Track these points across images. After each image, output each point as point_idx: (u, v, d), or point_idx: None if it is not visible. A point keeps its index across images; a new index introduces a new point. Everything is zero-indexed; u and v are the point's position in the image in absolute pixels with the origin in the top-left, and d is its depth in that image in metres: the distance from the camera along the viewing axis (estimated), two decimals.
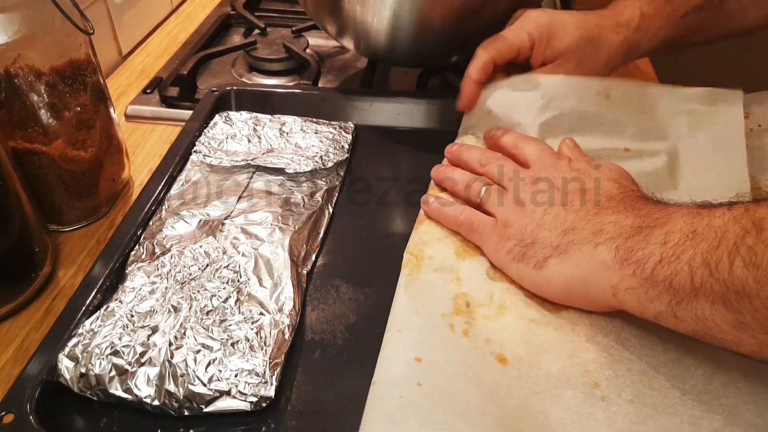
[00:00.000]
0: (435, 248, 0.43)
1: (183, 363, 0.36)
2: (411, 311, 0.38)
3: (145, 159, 0.60)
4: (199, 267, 0.42)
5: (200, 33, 0.80)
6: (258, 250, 0.43)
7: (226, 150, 0.54)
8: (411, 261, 0.42)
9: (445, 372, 0.34)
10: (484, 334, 0.38)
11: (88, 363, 0.36)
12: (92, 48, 0.49)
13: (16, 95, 0.44)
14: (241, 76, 0.72)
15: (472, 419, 0.32)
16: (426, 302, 0.39)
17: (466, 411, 0.32)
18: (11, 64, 0.43)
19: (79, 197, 0.50)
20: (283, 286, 0.41)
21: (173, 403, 0.35)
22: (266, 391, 0.36)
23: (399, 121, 0.61)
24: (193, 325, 0.38)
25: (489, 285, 0.41)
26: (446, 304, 0.39)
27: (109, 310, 0.39)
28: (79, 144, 0.49)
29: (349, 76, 0.73)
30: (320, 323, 0.42)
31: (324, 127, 0.57)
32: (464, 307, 0.39)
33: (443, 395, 0.33)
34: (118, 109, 0.64)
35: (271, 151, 0.54)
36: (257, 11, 0.85)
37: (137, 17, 0.80)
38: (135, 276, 0.42)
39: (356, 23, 0.58)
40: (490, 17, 0.57)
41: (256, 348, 0.37)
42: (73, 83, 0.47)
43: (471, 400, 0.33)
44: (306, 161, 0.52)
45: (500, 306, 0.40)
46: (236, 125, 0.57)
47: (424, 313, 0.38)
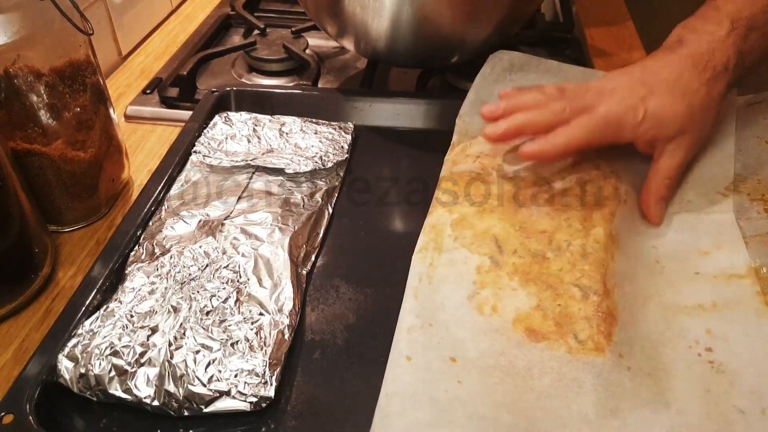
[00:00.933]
0: (451, 229, 0.45)
1: (183, 363, 0.36)
2: (436, 306, 0.39)
3: (144, 159, 0.60)
4: (198, 267, 0.42)
5: (200, 33, 0.80)
6: (258, 251, 0.43)
7: (226, 150, 0.54)
8: (429, 243, 0.44)
9: (479, 367, 0.36)
10: (512, 305, 0.39)
11: (87, 363, 0.36)
12: (92, 48, 0.49)
13: (15, 96, 0.44)
14: (240, 77, 0.72)
15: (512, 408, 0.34)
16: (449, 289, 0.40)
17: (503, 402, 0.35)
18: (11, 64, 0.43)
19: (78, 198, 0.50)
20: (283, 286, 0.41)
21: (173, 404, 0.35)
22: (266, 391, 0.36)
23: (399, 122, 0.61)
24: (192, 325, 0.38)
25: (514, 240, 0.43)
26: (469, 279, 0.41)
27: (108, 310, 0.39)
28: (78, 144, 0.49)
29: (349, 77, 0.73)
30: (320, 323, 0.42)
31: (323, 128, 0.57)
32: (489, 268, 0.41)
33: (482, 390, 0.35)
34: (118, 110, 0.64)
35: (270, 152, 0.54)
36: (257, 12, 0.85)
37: (137, 18, 0.80)
38: (135, 276, 0.42)
39: (356, 24, 0.58)
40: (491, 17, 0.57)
41: (255, 348, 0.37)
42: (72, 84, 0.47)
43: (507, 391, 0.35)
44: (305, 162, 0.52)
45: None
46: (236, 126, 0.57)
47: (449, 304, 0.40)
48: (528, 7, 0.61)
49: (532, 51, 0.71)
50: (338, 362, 0.40)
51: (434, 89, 0.69)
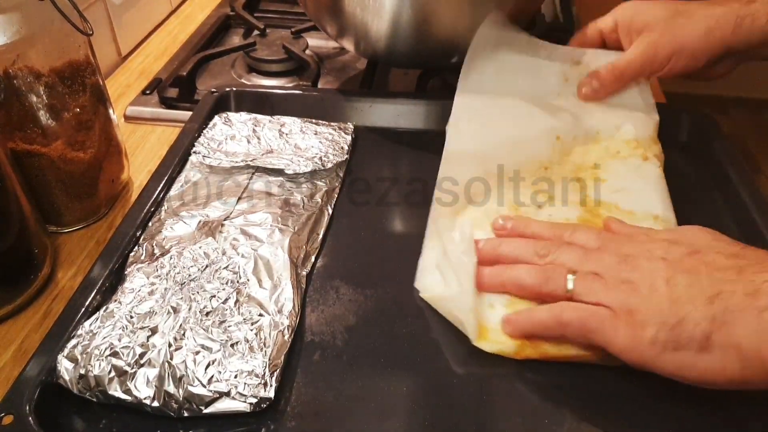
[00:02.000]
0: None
1: (182, 364, 0.36)
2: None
3: (144, 160, 0.60)
4: (198, 268, 0.42)
5: (199, 34, 0.80)
6: (257, 251, 0.43)
7: (226, 151, 0.54)
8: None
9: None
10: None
11: (87, 364, 0.36)
12: (91, 49, 0.49)
13: (15, 96, 0.44)
14: (240, 77, 0.72)
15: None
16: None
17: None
18: (10, 65, 0.43)
19: (78, 198, 0.50)
20: (283, 287, 0.41)
21: (173, 404, 0.35)
22: (266, 392, 0.36)
23: (399, 122, 0.61)
24: (192, 326, 0.38)
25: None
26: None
27: (108, 311, 0.39)
28: (78, 145, 0.49)
29: (349, 77, 0.73)
30: (320, 324, 0.42)
31: (323, 128, 0.57)
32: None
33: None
34: (118, 110, 0.64)
35: (270, 152, 0.54)
36: (256, 12, 0.85)
37: (136, 18, 0.80)
38: (134, 277, 0.42)
39: (356, 24, 0.58)
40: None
41: (255, 349, 0.37)
42: (72, 84, 0.47)
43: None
44: (305, 162, 0.52)
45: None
46: (235, 126, 0.57)
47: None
48: (528, 6, 0.61)
49: None
50: (338, 363, 0.40)
51: (434, 90, 0.69)
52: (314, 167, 0.52)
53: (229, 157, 0.53)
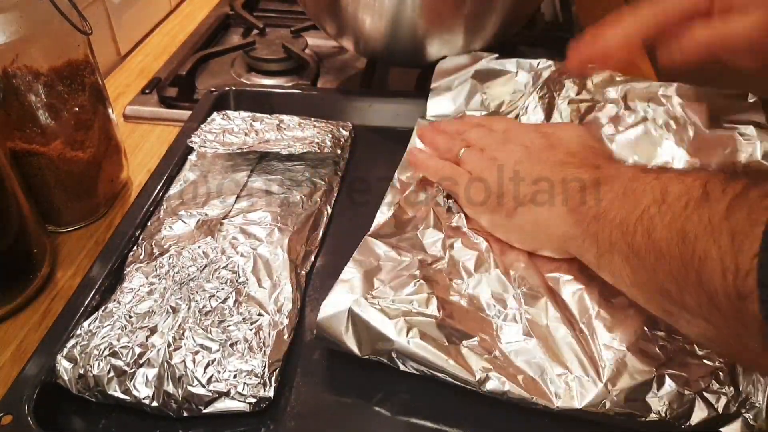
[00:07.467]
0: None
1: (182, 364, 0.36)
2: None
3: (143, 159, 0.60)
4: (197, 267, 0.42)
5: (199, 33, 0.79)
6: (257, 251, 0.43)
7: (222, 141, 0.53)
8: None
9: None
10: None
11: (86, 364, 0.36)
12: (91, 48, 0.49)
13: (14, 96, 0.44)
14: (239, 77, 0.72)
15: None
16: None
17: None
18: (9, 64, 0.43)
19: (77, 198, 0.50)
20: (282, 286, 0.41)
21: (172, 404, 0.35)
22: (265, 392, 0.36)
23: (398, 122, 0.60)
24: (191, 325, 0.38)
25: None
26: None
27: (107, 311, 0.39)
28: (77, 144, 0.49)
29: (348, 77, 0.73)
30: None
31: (322, 125, 0.57)
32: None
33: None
34: (117, 110, 0.64)
35: (267, 142, 0.53)
36: (256, 11, 0.85)
37: (136, 17, 0.80)
38: (133, 277, 0.41)
39: (356, 23, 0.58)
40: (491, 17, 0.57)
41: (255, 349, 0.37)
42: (71, 84, 0.47)
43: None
44: (302, 146, 0.51)
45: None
46: (233, 121, 0.56)
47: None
48: (528, 7, 0.61)
49: (532, 51, 0.71)
50: (337, 363, 0.40)
51: None
52: (310, 149, 0.51)
53: (225, 146, 0.51)
